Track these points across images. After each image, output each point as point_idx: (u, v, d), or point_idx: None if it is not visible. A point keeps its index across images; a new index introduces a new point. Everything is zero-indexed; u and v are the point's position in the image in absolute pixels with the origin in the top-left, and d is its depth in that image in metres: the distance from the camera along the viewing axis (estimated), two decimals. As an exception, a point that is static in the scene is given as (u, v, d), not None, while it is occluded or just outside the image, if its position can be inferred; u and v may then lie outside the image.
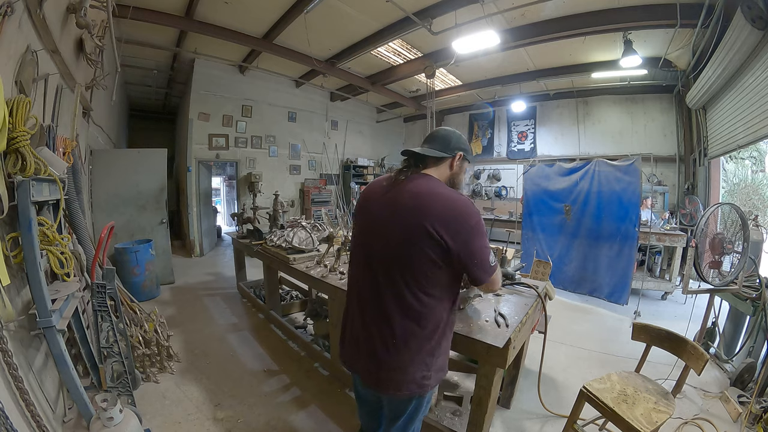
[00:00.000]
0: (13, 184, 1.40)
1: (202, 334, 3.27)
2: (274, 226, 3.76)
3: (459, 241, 1.02)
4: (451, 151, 1.18)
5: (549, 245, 5.00)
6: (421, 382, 1.11)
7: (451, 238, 1.01)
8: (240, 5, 4.46)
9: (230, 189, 10.75)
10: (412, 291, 1.05)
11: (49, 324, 1.45)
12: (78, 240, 2.57)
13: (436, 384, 1.15)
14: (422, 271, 1.04)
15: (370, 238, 1.17)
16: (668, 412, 1.53)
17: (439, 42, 5.09)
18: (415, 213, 1.04)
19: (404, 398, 1.14)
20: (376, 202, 1.17)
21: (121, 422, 1.58)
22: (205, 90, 6.64)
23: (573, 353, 3.02)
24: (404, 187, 1.11)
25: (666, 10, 3.83)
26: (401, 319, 1.07)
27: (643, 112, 6.72)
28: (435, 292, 1.07)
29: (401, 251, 1.05)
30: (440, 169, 1.18)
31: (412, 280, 1.05)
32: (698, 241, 2.56)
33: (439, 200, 1.05)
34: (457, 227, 1.02)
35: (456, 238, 1.02)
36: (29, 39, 1.83)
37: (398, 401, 1.16)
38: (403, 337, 1.08)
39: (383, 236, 1.11)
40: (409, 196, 1.08)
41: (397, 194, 1.11)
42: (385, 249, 1.10)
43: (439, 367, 1.15)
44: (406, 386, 1.10)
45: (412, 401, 1.15)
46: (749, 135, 3.72)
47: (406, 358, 1.09)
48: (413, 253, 1.03)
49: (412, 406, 1.17)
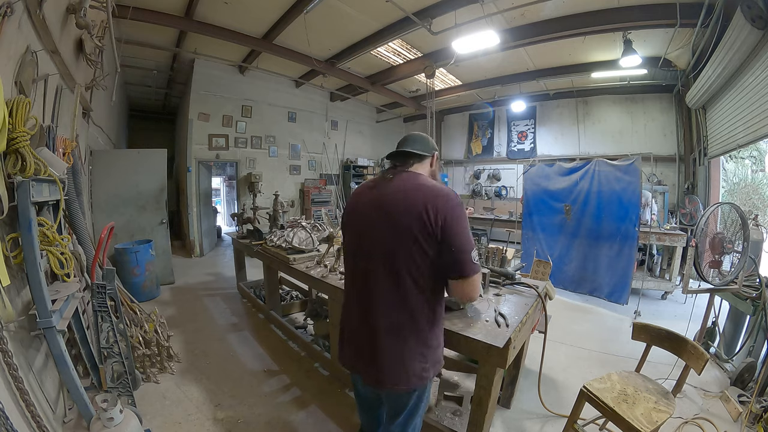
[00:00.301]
0: (13, 185, 1.40)
1: (202, 335, 3.27)
2: (274, 226, 3.77)
3: (441, 219, 1.06)
4: (430, 151, 1.30)
5: (549, 245, 5.00)
6: (421, 374, 1.13)
7: (434, 214, 1.05)
8: (240, 5, 4.46)
9: (230, 189, 10.76)
10: (404, 284, 1.09)
11: (49, 324, 1.45)
12: (78, 240, 2.57)
13: (434, 376, 1.18)
14: (412, 261, 1.08)
15: (361, 238, 1.21)
16: (668, 411, 1.53)
17: (439, 42, 5.08)
18: (406, 203, 1.10)
19: (405, 392, 1.16)
20: (366, 203, 1.22)
21: (122, 422, 1.58)
22: (205, 90, 6.64)
23: (573, 353, 3.02)
24: (393, 184, 1.17)
25: (666, 9, 3.83)
26: (396, 313, 1.11)
27: (643, 111, 6.72)
28: (425, 283, 1.10)
29: (392, 245, 1.10)
30: (423, 166, 1.28)
31: (404, 272, 1.09)
32: (698, 241, 2.56)
33: (427, 188, 1.12)
34: (440, 206, 1.07)
35: (438, 215, 1.06)
36: (29, 39, 1.83)
37: (398, 396, 1.18)
38: (399, 331, 1.11)
39: (374, 234, 1.15)
40: (399, 191, 1.14)
41: (386, 192, 1.17)
42: (377, 246, 1.14)
43: (436, 359, 1.18)
44: (407, 379, 1.12)
45: (412, 395, 1.17)
46: (749, 134, 3.72)
47: (404, 352, 1.12)
48: (403, 243, 1.08)
49: (412, 401, 1.18)
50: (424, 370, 1.13)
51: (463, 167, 9.74)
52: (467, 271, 1.08)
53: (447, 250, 1.07)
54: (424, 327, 1.12)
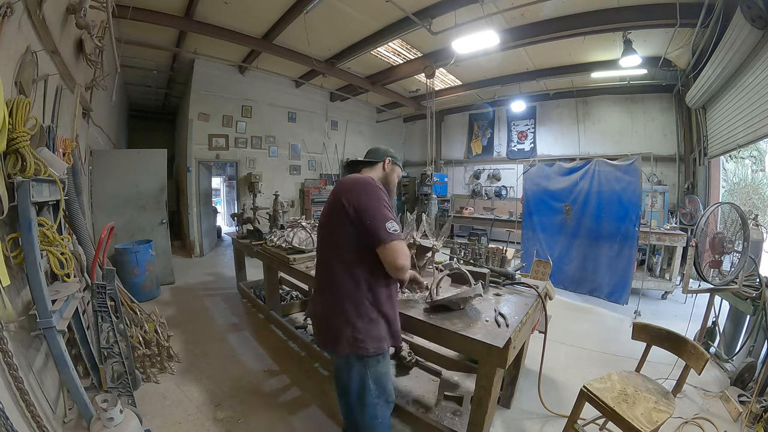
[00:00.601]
0: (13, 185, 1.40)
1: (202, 335, 3.27)
2: (274, 226, 3.77)
3: (353, 200, 1.27)
4: (381, 157, 1.55)
5: (549, 245, 5.00)
6: (354, 343, 1.26)
7: (346, 199, 1.28)
8: (240, 5, 4.46)
9: (230, 189, 10.76)
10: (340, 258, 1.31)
11: (50, 324, 1.45)
12: (78, 240, 2.57)
13: (375, 353, 1.29)
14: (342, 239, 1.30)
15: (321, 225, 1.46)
16: (668, 411, 1.53)
17: (438, 42, 5.09)
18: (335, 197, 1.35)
19: (343, 358, 1.31)
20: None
21: (122, 423, 1.58)
22: (205, 90, 6.64)
23: (573, 353, 3.02)
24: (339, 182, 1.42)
25: (665, 9, 3.83)
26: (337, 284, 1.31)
27: (643, 111, 6.72)
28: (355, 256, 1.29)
29: (331, 227, 1.36)
30: (375, 170, 1.54)
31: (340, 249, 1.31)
32: (698, 241, 2.56)
33: (352, 181, 1.36)
34: (353, 192, 1.30)
35: (350, 197, 1.28)
36: (29, 40, 1.83)
37: (342, 367, 1.34)
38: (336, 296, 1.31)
39: (324, 222, 1.43)
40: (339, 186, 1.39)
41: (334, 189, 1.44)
42: (325, 230, 1.42)
43: (374, 334, 1.29)
44: (340, 343, 1.27)
45: (352, 365, 1.30)
46: (749, 134, 3.72)
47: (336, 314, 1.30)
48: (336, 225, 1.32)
49: (354, 372, 1.30)
50: (357, 340, 1.26)
51: (463, 167, 9.74)
52: (382, 238, 1.23)
53: (363, 225, 1.25)
54: (361, 300, 1.29)
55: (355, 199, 1.27)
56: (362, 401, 1.32)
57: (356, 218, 1.25)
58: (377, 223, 1.24)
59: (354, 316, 1.28)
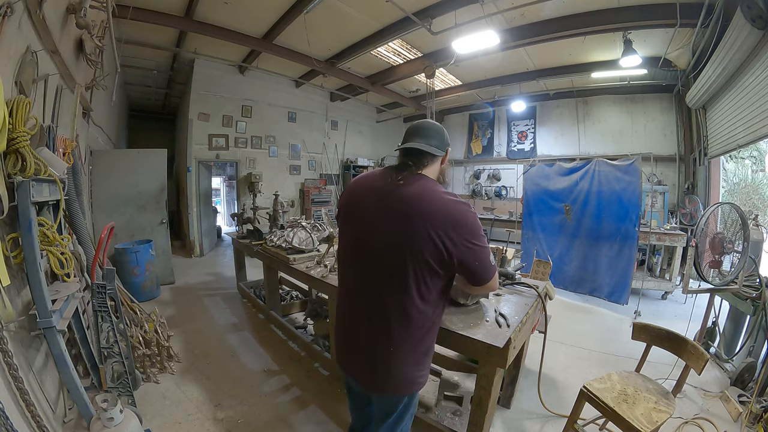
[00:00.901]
0: (13, 185, 1.40)
1: (202, 335, 3.27)
2: (274, 226, 3.76)
3: (459, 244, 1.02)
4: (445, 147, 1.20)
5: (549, 245, 5.00)
6: (417, 381, 1.14)
7: (451, 241, 1.01)
8: (240, 5, 4.46)
9: (230, 189, 10.75)
10: (410, 298, 1.05)
11: (50, 324, 1.45)
12: (78, 240, 2.57)
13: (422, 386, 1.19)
14: (422, 279, 1.04)
15: (364, 243, 1.13)
16: (668, 411, 1.53)
17: (438, 42, 5.08)
18: (417, 219, 1.02)
19: (396, 396, 1.16)
20: (371, 204, 1.13)
21: (122, 422, 1.58)
22: (205, 90, 6.64)
23: (573, 353, 3.02)
24: (404, 192, 1.07)
25: (665, 9, 3.83)
26: (398, 325, 1.07)
27: (643, 111, 6.72)
28: (431, 298, 1.08)
29: (401, 258, 1.04)
30: (435, 165, 1.18)
31: (411, 286, 1.04)
32: (698, 241, 2.56)
33: (439, 205, 1.04)
34: (457, 230, 1.02)
35: (456, 240, 1.02)
36: (29, 39, 1.83)
37: (389, 399, 1.18)
38: (399, 341, 1.08)
39: (381, 242, 1.08)
40: (409, 201, 1.05)
41: (397, 198, 1.07)
42: (383, 256, 1.08)
43: (429, 364, 1.20)
44: (403, 386, 1.13)
45: (403, 399, 1.17)
46: (749, 134, 3.72)
47: (402, 361, 1.10)
48: (413, 261, 1.03)
49: (402, 405, 1.18)
50: (420, 377, 1.14)
51: (463, 167, 9.74)
52: (489, 276, 1.11)
53: (467, 266, 1.07)
54: (423, 336, 1.11)
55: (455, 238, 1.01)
56: (397, 426, 1.22)
57: (452, 261, 1.03)
58: (486, 264, 1.08)
59: (420, 356, 1.12)
